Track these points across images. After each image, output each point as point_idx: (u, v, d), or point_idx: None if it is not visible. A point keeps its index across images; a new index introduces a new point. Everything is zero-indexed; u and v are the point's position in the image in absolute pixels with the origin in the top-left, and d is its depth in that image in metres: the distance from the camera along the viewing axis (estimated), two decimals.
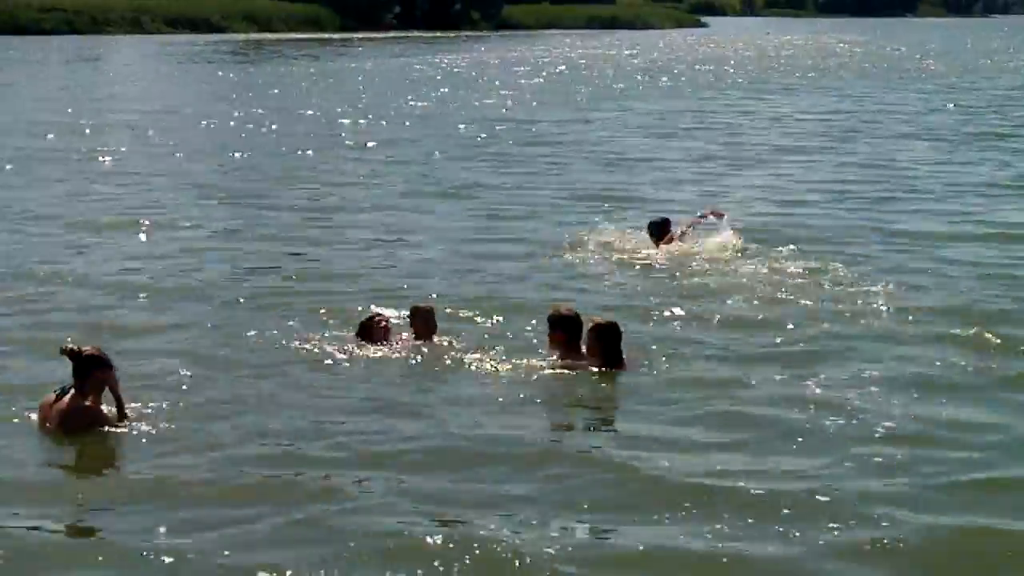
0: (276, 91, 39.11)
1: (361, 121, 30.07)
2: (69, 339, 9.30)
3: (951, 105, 35.99)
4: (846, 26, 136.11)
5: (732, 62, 61.15)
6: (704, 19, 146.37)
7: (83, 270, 13.71)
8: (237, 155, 23.73)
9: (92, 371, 8.63)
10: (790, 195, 19.43)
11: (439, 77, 46.16)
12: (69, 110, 32.07)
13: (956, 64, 59.76)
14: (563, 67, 54.89)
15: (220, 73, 46.86)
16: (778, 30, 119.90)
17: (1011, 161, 23.47)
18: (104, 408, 8.75)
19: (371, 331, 10.59)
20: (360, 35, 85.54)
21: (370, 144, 25.42)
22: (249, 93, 38.13)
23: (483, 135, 27.41)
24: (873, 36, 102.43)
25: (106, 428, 8.64)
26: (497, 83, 43.69)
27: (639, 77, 48.59)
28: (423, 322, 10.73)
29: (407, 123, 29.86)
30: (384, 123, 29.67)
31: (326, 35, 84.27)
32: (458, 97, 37.60)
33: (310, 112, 32.32)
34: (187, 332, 11.20)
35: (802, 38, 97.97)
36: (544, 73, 50.01)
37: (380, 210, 17.78)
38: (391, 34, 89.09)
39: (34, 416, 8.82)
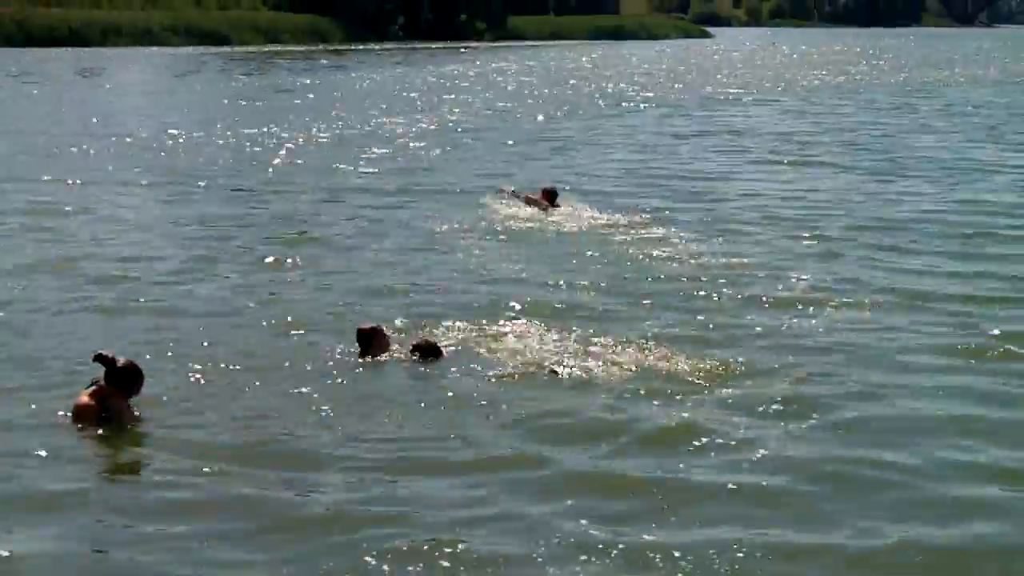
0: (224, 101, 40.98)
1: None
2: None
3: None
4: (846, 37, 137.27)
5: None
6: (709, 30, 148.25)
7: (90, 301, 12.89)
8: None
9: (110, 383, 8.80)
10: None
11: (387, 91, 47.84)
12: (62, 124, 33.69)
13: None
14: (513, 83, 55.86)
15: (198, 87, 48.73)
16: (780, 41, 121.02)
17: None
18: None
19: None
20: (362, 47, 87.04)
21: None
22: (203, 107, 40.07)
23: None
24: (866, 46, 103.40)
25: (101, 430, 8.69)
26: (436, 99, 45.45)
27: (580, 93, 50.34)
28: (379, 340, 10.66)
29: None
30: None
31: (322, 47, 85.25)
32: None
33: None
34: (195, 345, 10.95)
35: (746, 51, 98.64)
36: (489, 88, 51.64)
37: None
38: (391, 45, 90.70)
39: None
